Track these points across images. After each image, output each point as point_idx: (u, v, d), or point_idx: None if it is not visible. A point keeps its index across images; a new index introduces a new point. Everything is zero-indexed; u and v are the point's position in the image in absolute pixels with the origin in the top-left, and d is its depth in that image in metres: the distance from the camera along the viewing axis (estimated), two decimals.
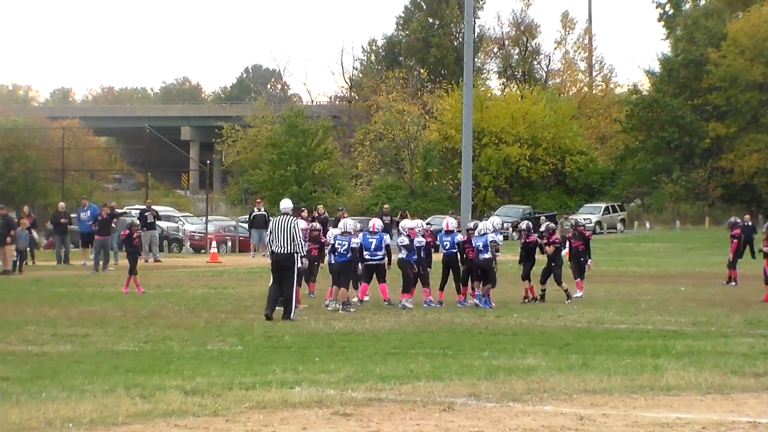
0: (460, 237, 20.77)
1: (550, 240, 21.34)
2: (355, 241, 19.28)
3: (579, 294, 21.64)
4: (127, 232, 24.10)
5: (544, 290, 21.25)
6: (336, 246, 19.31)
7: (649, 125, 64.81)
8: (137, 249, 23.91)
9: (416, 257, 20.27)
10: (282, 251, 17.26)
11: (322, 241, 20.94)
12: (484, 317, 18.01)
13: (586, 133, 70.87)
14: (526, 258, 21.43)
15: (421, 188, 65.76)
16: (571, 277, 22.07)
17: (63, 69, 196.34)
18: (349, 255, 19.13)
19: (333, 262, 19.37)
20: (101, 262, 29.78)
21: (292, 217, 17.63)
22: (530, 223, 22.50)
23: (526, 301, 21.02)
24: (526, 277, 21.28)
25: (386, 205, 40.32)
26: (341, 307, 18.98)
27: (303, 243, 17.70)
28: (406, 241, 20.09)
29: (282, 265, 17.27)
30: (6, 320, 17.18)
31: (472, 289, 20.54)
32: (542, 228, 22.67)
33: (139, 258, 24.52)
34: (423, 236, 20.57)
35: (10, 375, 11.17)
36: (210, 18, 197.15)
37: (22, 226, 30.68)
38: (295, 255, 17.27)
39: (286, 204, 18.06)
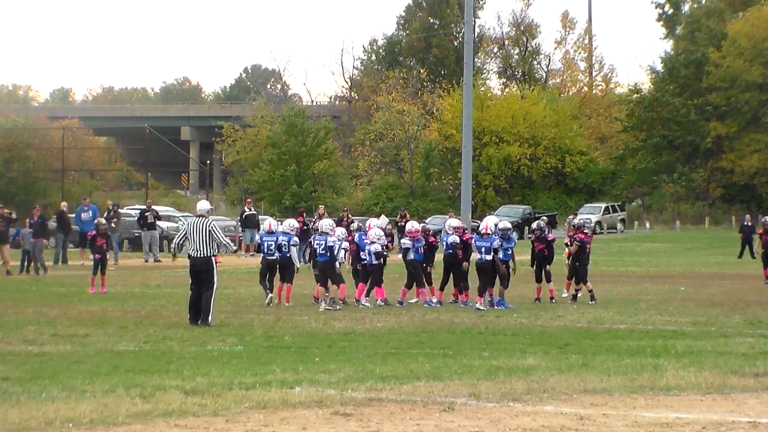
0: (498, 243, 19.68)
1: (577, 237, 20.95)
2: (331, 240, 19.23)
3: (565, 294, 21.55)
4: (94, 232, 23.59)
5: (577, 290, 21.02)
6: (315, 246, 19.55)
7: (650, 124, 64.81)
8: (100, 249, 23.03)
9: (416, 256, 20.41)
10: (199, 255, 16.57)
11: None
12: (484, 317, 17.99)
13: (586, 133, 70.86)
14: (542, 258, 21.07)
15: (421, 188, 65.75)
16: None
17: (63, 69, 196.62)
18: (328, 254, 19.20)
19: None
20: (39, 265, 28.37)
21: (207, 219, 16.85)
22: (542, 223, 21.90)
23: (554, 301, 20.78)
24: (540, 279, 21.05)
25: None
26: (326, 303, 19.01)
27: (228, 242, 17.16)
28: (457, 240, 20.03)
29: (198, 269, 16.59)
30: (6, 320, 17.17)
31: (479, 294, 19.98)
32: (573, 225, 22.34)
33: (107, 259, 23.80)
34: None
35: (10, 375, 11.15)
36: (210, 18, 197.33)
37: (26, 226, 30.61)
38: (212, 258, 16.61)
39: (201, 206, 17.31)
